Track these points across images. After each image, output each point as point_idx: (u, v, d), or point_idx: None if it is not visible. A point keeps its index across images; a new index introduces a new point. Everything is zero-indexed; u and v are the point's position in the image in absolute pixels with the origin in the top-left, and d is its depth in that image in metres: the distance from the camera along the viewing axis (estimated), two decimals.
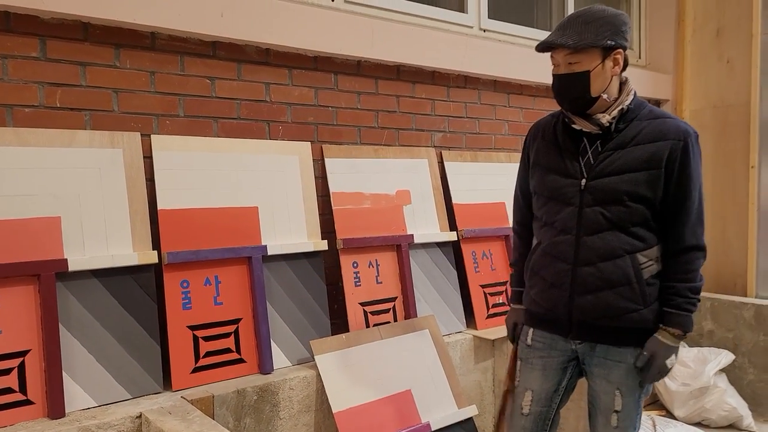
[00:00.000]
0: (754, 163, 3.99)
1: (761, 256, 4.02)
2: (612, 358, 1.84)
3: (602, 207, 1.78)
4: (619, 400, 1.85)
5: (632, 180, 1.75)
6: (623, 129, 1.80)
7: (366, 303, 2.69)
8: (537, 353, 1.98)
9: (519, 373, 2.04)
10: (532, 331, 2.00)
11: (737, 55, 4.07)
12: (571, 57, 1.75)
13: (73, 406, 1.95)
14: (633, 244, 1.78)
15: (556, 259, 1.86)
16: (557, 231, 1.86)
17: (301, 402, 2.32)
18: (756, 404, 3.76)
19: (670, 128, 1.77)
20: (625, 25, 1.76)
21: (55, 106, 2.10)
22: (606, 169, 1.78)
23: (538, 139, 1.99)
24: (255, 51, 2.54)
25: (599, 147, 1.81)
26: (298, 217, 2.56)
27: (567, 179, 1.84)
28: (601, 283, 1.78)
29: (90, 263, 2.02)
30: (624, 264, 1.77)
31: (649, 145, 1.76)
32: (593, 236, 1.79)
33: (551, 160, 1.90)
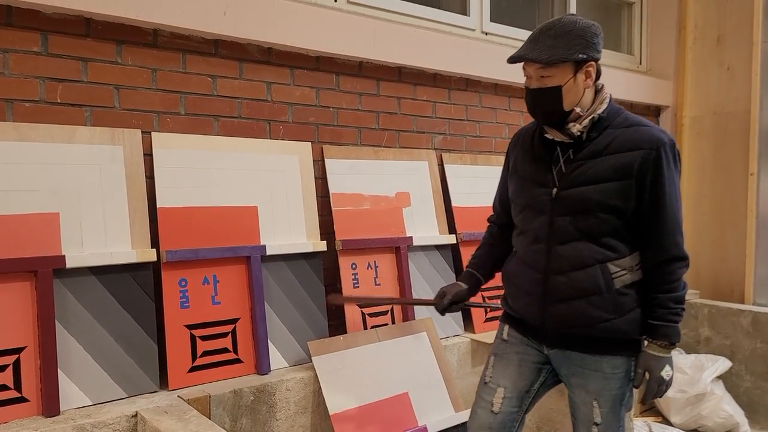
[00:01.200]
0: (753, 171, 4.00)
1: (759, 264, 4.02)
2: (589, 367, 1.81)
3: (572, 217, 1.75)
4: (597, 411, 1.81)
5: (603, 190, 1.72)
6: (596, 138, 1.76)
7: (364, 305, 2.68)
8: (513, 348, 1.94)
9: (491, 369, 1.97)
10: (508, 327, 1.98)
11: (738, 63, 4.08)
12: (543, 71, 1.71)
13: (69, 404, 1.94)
14: (604, 254, 1.74)
15: (529, 267, 1.84)
16: (530, 240, 1.85)
17: (298, 403, 2.31)
18: (752, 411, 3.76)
19: (643, 137, 1.73)
20: (597, 37, 1.73)
21: (55, 102, 2.09)
22: (577, 179, 1.75)
23: (518, 147, 1.97)
24: (257, 50, 2.53)
25: (571, 156, 1.78)
26: (297, 217, 2.55)
27: (540, 188, 1.82)
28: (572, 291, 1.75)
29: (88, 260, 2.01)
30: (595, 273, 1.73)
31: (621, 154, 1.72)
32: (564, 245, 1.76)
33: (527, 169, 1.88)
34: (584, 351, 1.80)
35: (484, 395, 1.95)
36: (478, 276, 2.09)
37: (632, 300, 1.76)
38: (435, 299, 2.08)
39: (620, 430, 1.84)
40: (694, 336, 4.10)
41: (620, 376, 1.80)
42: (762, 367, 3.77)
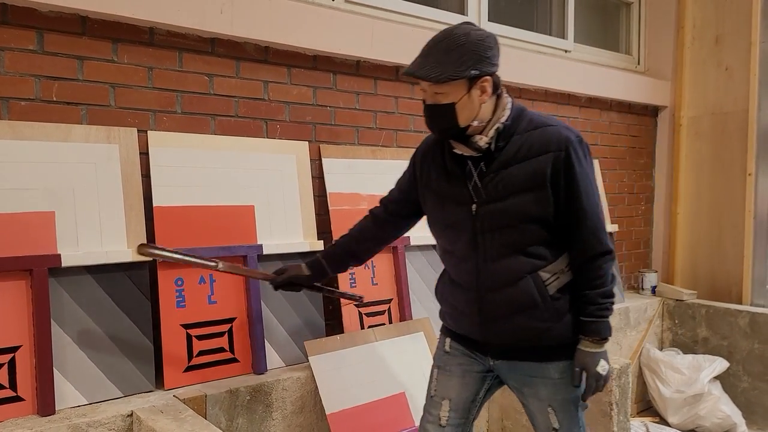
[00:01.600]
0: (751, 171, 4.00)
1: (757, 264, 4.03)
2: (537, 375, 1.78)
3: (496, 232, 1.70)
4: (554, 417, 1.79)
5: (520, 202, 1.68)
6: (504, 147, 1.71)
7: (361, 305, 2.68)
8: (456, 360, 1.90)
9: (436, 382, 1.94)
10: (450, 339, 1.93)
11: (736, 63, 4.08)
12: (436, 88, 1.65)
13: (64, 403, 1.93)
14: (533, 264, 1.71)
15: (461, 287, 1.81)
16: (458, 259, 1.80)
17: (295, 403, 2.31)
18: (750, 412, 3.77)
19: (550, 139, 1.68)
20: (491, 50, 1.64)
21: (51, 100, 2.08)
22: (493, 193, 1.70)
23: (428, 159, 1.88)
24: (254, 49, 2.53)
25: (484, 169, 1.72)
26: (294, 216, 2.54)
27: (459, 206, 1.75)
28: (508, 308, 1.72)
29: (84, 259, 2.00)
30: (527, 285, 1.70)
31: (530, 161, 1.68)
32: (493, 262, 1.72)
33: (442, 187, 1.81)
34: (529, 360, 1.78)
35: (431, 409, 1.93)
36: (326, 268, 2.02)
37: (567, 303, 1.74)
38: (272, 275, 2.04)
39: (579, 429, 1.83)
40: (691, 336, 4.10)
41: (569, 379, 1.77)
42: (759, 368, 3.77)
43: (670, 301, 4.21)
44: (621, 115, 4.29)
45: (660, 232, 4.56)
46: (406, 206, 1.98)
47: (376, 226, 2.03)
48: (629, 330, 3.94)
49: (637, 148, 4.45)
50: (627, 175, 4.38)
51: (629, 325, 3.93)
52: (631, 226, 4.44)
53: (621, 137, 4.31)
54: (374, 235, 2.04)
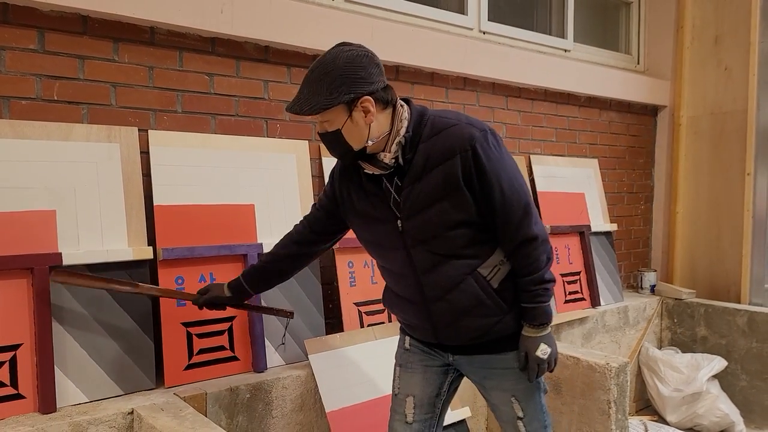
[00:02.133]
0: (750, 171, 4.01)
1: (755, 263, 4.04)
2: (497, 366, 1.80)
3: (425, 244, 1.69)
4: (518, 406, 1.81)
5: (439, 211, 1.65)
6: (412, 158, 1.67)
7: (361, 303, 2.68)
8: (416, 357, 1.92)
9: (398, 380, 1.95)
10: (409, 337, 1.94)
11: (735, 63, 4.09)
12: (320, 116, 1.63)
13: (65, 401, 1.94)
14: (470, 264, 1.70)
15: (406, 300, 1.81)
16: (397, 275, 1.80)
17: (294, 401, 2.32)
18: (748, 411, 3.78)
19: (454, 141, 1.64)
20: (364, 69, 1.60)
21: (52, 99, 2.09)
22: (413, 207, 1.67)
23: (345, 179, 1.84)
24: (254, 48, 2.54)
25: (399, 183, 1.70)
26: (294, 215, 2.55)
27: (383, 225, 1.74)
28: (456, 312, 1.73)
29: (84, 257, 2.01)
30: (469, 286, 1.70)
31: (440, 167, 1.64)
32: (430, 273, 1.71)
33: (364, 207, 1.78)
34: (488, 352, 1.79)
35: (396, 407, 1.95)
36: (247, 288, 2.02)
37: (512, 293, 1.75)
38: (194, 294, 2.05)
39: (543, 415, 1.86)
40: (690, 335, 4.11)
41: None
42: (757, 367, 3.78)
43: (669, 300, 4.22)
44: (620, 114, 4.30)
45: (659, 231, 4.57)
46: (330, 223, 1.96)
47: (299, 245, 2.00)
48: (628, 329, 3.95)
49: (637, 148, 4.46)
50: (626, 174, 4.39)
51: (628, 324, 3.94)
52: (630, 225, 4.45)
53: (620, 137, 4.32)
54: (298, 252, 2.02)
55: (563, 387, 2.71)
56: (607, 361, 2.55)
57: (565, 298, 3.58)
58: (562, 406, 2.73)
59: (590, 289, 3.73)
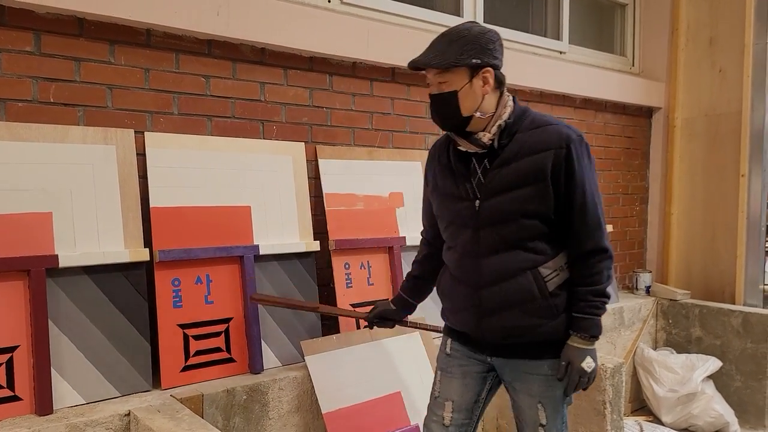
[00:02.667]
0: (744, 172, 4.03)
1: (749, 264, 4.05)
2: (530, 371, 1.81)
3: (496, 227, 1.74)
4: (543, 413, 1.82)
5: (521, 197, 1.71)
6: (507, 144, 1.74)
7: (357, 304, 2.69)
8: (456, 362, 1.93)
9: (439, 384, 1.97)
10: (450, 341, 1.96)
11: (729, 65, 4.11)
12: (440, 77, 1.71)
13: (62, 402, 1.94)
14: (533, 260, 1.73)
15: (461, 282, 1.84)
16: (459, 254, 1.84)
17: (291, 402, 2.32)
18: (742, 411, 3.79)
19: (551, 136, 1.71)
20: (493, 43, 1.71)
21: (48, 101, 2.09)
22: (495, 189, 1.74)
23: (435, 161, 1.94)
24: (250, 50, 2.54)
25: (487, 166, 1.76)
26: (290, 217, 2.56)
27: (462, 203, 1.80)
28: (505, 303, 1.75)
29: (81, 260, 2.01)
30: (526, 281, 1.73)
31: (532, 157, 1.71)
32: (492, 257, 1.75)
33: (447, 185, 1.85)
34: (524, 357, 1.80)
35: (435, 410, 1.96)
36: (411, 302, 2.12)
37: (565, 300, 1.76)
38: (365, 313, 2.17)
39: (563, 426, 1.87)
40: (685, 336, 4.13)
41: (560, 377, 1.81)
42: (752, 367, 3.80)
43: (664, 301, 4.23)
44: (616, 116, 4.32)
45: (654, 232, 4.59)
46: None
47: (428, 245, 2.07)
48: (623, 329, 3.97)
49: (632, 149, 4.47)
50: (621, 175, 4.40)
51: (623, 324, 3.96)
52: (625, 226, 4.46)
53: (616, 138, 4.34)
54: (430, 251, 2.07)
55: None
56: (603, 361, 2.56)
57: None
58: None
59: None
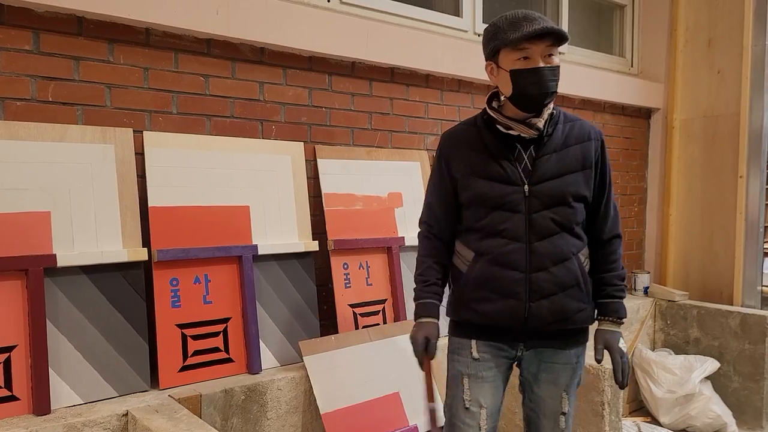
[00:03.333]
0: (742, 173, 4.03)
1: (747, 266, 4.06)
2: (560, 362, 1.87)
3: (550, 211, 1.79)
4: (566, 401, 1.88)
5: (573, 181, 1.81)
6: (552, 133, 1.83)
7: (356, 305, 2.69)
8: (485, 365, 1.87)
9: (469, 392, 1.87)
10: (476, 342, 1.88)
11: (728, 66, 4.11)
12: (551, 49, 1.75)
13: (59, 402, 1.94)
14: (577, 245, 1.83)
15: (507, 268, 1.80)
16: (507, 240, 1.80)
17: (289, 403, 2.32)
18: (740, 412, 3.80)
19: (588, 129, 1.88)
20: None
21: (47, 100, 2.08)
22: (547, 173, 1.79)
23: (462, 149, 1.89)
24: (250, 50, 2.54)
25: (533, 152, 1.82)
26: (289, 217, 2.55)
27: (510, 186, 1.80)
28: (555, 287, 1.79)
29: (79, 259, 2.00)
30: (573, 266, 1.81)
31: (579, 146, 1.84)
32: (543, 241, 1.78)
33: (489, 169, 1.83)
34: (558, 347, 1.87)
35: (468, 420, 1.86)
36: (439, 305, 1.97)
37: (591, 287, 1.88)
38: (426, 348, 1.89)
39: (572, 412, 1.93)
40: (683, 337, 4.13)
41: (581, 363, 1.92)
42: (750, 368, 3.81)
43: (662, 302, 4.24)
44: (614, 116, 4.32)
45: (652, 233, 4.60)
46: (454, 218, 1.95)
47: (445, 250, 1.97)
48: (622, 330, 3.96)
49: (630, 150, 4.48)
50: (620, 176, 4.41)
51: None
52: (624, 227, 4.45)
53: (614, 139, 4.34)
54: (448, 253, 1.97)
55: None
56: None
57: None
58: None
59: None
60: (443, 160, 1.93)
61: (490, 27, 1.81)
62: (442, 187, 1.94)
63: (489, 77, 1.88)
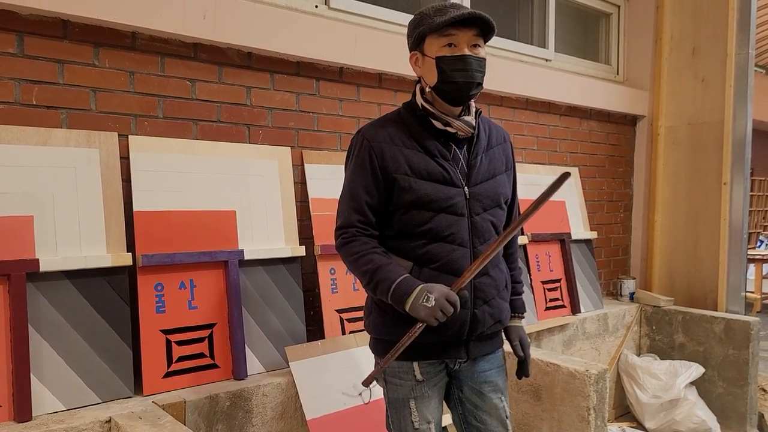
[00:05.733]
0: (726, 180, 4.08)
1: (732, 272, 4.10)
2: (494, 366, 1.86)
3: (488, 213, 1.76)
4: (506, 404, 1.86)
5: (502, 183, 1.81)
6: (479, 133, 1.79)
7: (342, 310, 2.68)
8: (429, 383, 1.78)
9: (416, 413, 1.77)
10: (418, 364, 1.76)
11: (712, 74, 4.16)
12: (478, 39, 1.68)
13: (41, 409, 1.91)
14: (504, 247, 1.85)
15: (453, 275, 1.67)
16: (454, 245, 1.70)
17: (275, 409, 2.30)
18: (724, 417, 3.83)
19: (502, 131, 1.90)
20: None
21: (31, 104, 2.07)
22: (481, 175, 1.75)
23: (394, 146, 1.70)
24: (237, 54, 2.53)
25: (466, 152, 1.76)
26: (276, 222, 2.54)
27: (454, 188, 1.70)
28: (494, 291, 1.78)
29: (62, 264, 1.99)
30: (503, 266, 1.86)
31: (500, 147, 1.85)
32: (484, 245, 1.72)
33: (431, 170, 1.69)
34: (490, 351, 1.85)
35: None
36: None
37: None
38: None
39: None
40: (668, 342, 4.16)
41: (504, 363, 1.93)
42: (734, 373, 3.84)
43: (647, 308, 4.27)
44: (601, 123, 4.36)
45: (638, 239, 4.63)
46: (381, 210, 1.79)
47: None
48: (608, 336, 3.99)
49: (616, 157, 4.51)
50: (606, 183, 4.44)
51: (608, 330, 3.98)
52: (610, 233, 4.50)
53: (600, 145, 4.37)
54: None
55: (543, 394, 2.72)
56: (587, 368, 2.57)
57: (546, 305, 3.61)
58: (542, 413, 2.74)
59: (570, 297, 3.77)
60: (375, 158, 1.70)
61: (416, 16, 1.72)
62: (375, 185, 1.70)
63: (413, 69, 1.77)
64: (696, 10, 4.24)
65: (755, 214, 11.75)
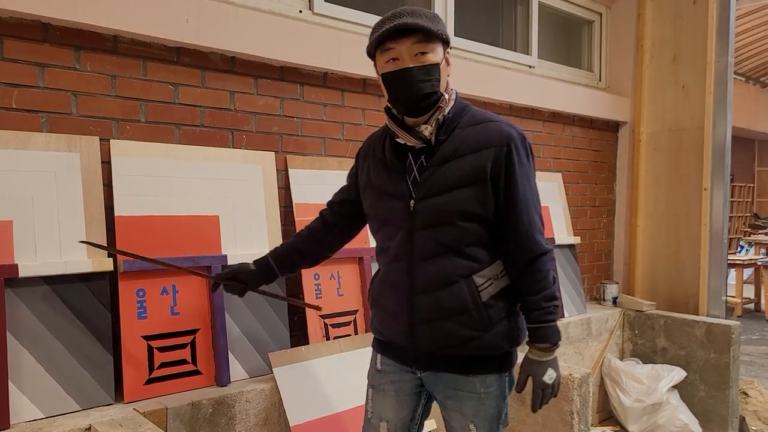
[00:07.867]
0: (707, 186, 4.13)
1: (712, 276, 4.14)
2: (462, 389, 1.68)
3: (433, 230, 1.62)
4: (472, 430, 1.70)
5: (460, 198, 1.60)
6: (444, 140, 1.64)
7: (326, 315, 2.67)
8: (388, 378, 1.80)
9: (371, 402, 1.82)
10: (380, 355, 1.83)
11: (692, 81, 4.22)
12: (422, 46, 1.57)
13: (19, 417, 1.88)
14: (469, 267, 1.63)
15: (392, 287, 1.71)
16: (391, 257, 1.70)
17: (258, 415, 2.29)
18: (707, 420, 3.86)
19: (492, 134, 1.63)
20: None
21: (10, 107, 2.04)
22: (432, 188, 1.62)
23: (369, 157, 1.80)
24: (220, 59, 2.52)
25: (424, 162, 1.65)
26: (259, 227, 2.53)
27: (396, 201, 1.67)
28: (438, 312, 1.63)
29: (42, 269, 1.96)
30: (460, 290, 1.62)
31: (472, 155, 1.61)
32: (427, 262, 1.63)
33: (381, 181, 1.72)
34: (456, 372, 1.68)
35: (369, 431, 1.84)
36: (274, 267, 1.95)
37: (500, 311, 1.66)
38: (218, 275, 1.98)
39: None
40: (650, 346, 4.19)
41: (494, 394, 1.70)
42: (715, 377, 3.88)
43: (630, 312, 4.30)
44: (583, 129, 4.40)
45: (621, 244, 4.67)
46: (350, 206, 1.93)
47: (324, 228, 1.98)
48: (591, 340, 4.01)
49: (599, 162, 4.56)
50: (589, 188, 4.48)
51: (591, 335, 4.01)
52: (593, 238, 4.53)
53: (583, 151, 4.41)
54: (323, 236, 1.98)
55: (527, 398, 2.73)
56: (570, 372, 2.58)
57: None
58: (526, 417, 2.75)
59: None
60: (357, 161, 1.89)
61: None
62: (348, 184, 1.94)
63: None
64: (676, 18, 4.30)
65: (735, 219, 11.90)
